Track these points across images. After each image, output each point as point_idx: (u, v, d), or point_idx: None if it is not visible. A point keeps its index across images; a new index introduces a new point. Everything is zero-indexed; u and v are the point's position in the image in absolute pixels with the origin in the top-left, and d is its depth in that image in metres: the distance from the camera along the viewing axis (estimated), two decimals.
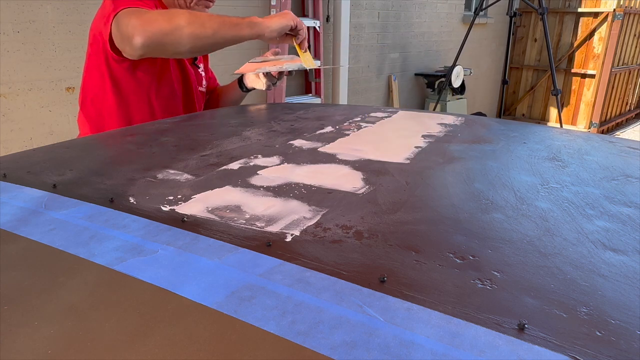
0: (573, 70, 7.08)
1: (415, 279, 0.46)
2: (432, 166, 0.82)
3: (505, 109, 7.70)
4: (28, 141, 2.58)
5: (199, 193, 0.68)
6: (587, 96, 7.04)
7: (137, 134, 1.06)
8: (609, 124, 7.29)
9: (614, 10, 6.51)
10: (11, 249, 0.54)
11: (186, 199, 0.66)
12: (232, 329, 0.39)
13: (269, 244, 0.53)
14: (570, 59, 7.10)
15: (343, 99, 4.49)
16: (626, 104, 7.86)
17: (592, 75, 6.91)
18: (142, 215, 0.61)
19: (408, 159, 0.86)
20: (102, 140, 1.09)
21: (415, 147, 0.94)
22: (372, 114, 1.28)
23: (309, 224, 0.58)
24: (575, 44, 6.99)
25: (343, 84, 4.46)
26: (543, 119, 7.54)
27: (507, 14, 6.00)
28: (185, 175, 0.76)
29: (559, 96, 4.59)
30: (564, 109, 7.20)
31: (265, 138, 1.02)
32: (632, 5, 6.95)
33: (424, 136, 1.04)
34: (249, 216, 0.60)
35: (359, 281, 0.45)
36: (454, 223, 0.59)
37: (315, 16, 4.01)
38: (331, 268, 0.48)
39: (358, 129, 1.10)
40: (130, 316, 0.41)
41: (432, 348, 0.37)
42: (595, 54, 6.85)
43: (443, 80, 5.30)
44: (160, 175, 0.76)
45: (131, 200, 0.66)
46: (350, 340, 0.37)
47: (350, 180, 0.74)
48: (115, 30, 1.12)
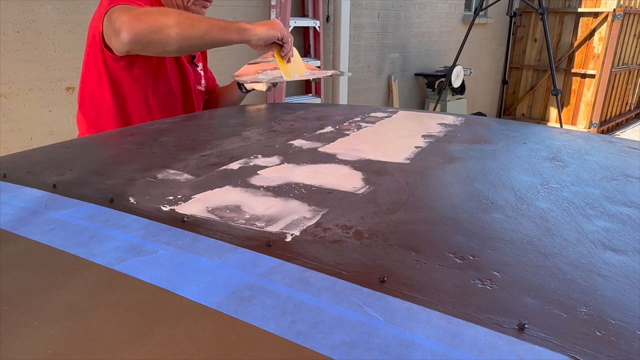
0: (573, 70, 7.08)
1: (415, 279, 0.46)
2: (432, 166, 0.82)
3: (505, 109, 7.70)
4: (28, 141, 2.59)
5: (199, 193, 0.68)
6: (587, 96, 7.04)
7: (137, 134, 1.06)
8: (609, 124, 7.29)
9: (614, 10, 6.51)
10: (11, 249, 0.54)
11: (186, 199, 0.66)
12: (232, 329, 0.39)
13: (269, 244, 0.53)
14: (570, 59, 7.10)
15: (343, 99, 4.49)
16: (626, 104, 7.86)
17: (592, 75, 6.91)
18: (142, 215, 0.61)
19: (408, 159, 0.86)
20: (102, 140, 1.09)
21: (415, 147, 0.94)
22: (372, 114, 1.28)
23: (309, 224, 0.58)
24: (575, 44, 6.99)
25: (343, 84, 4.46)
26: (543, 119, 7.54)
27: (507, 14, 6.00)
28: (185, 175, 0.76)
29: (559, 96, 4.59)
30: (564, 109, 7.20)
31: (265, 138, 1.02)
32: (632, 5, 6.95)
33: (424, 136, 1.04)
34: (249, 216, 0.60)
35: (359, 281, 0.45)
36: (454, 223, 0.59)
37: (315, 16, 4.01)
38: (331, 268, 0.48)
39: (358, 129, 1.10)
40: (130, 316, 0.41)
41: (432, 348, 0.37)
42: (595, 54, 6.85)
43: (443, 80, 5.30)
44: (160, 175, 0.76)
45: (131, 200, 0.66)
46: (350, 340, 0.37)
47: (350, 180, 0.74)
48: (107, 25, 1.13)
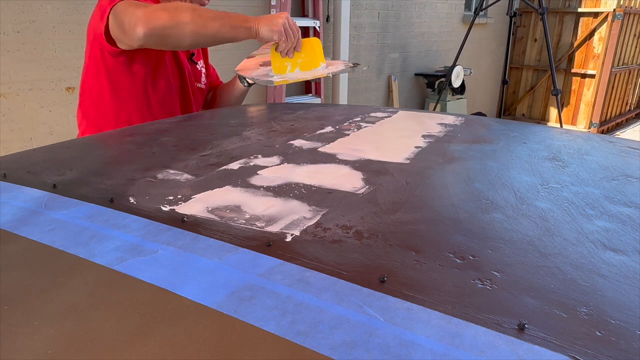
0: (573, 70, 7.08)
1: (415, 279, 0.46)
2: (432, 166, 0.82)
3: (505, 109, 7.69)
4: (28, 141, 2.59)
5: (199, 193, 0.68)
6: (587, 96, 7.04)
7: (137, 134, 1.06)
8: (609, 124, 7.29)
9: (614, 10, 6.51)
10: (11, 249, 0.54)
11: (186, 199, 0.66)
12: (232, 329, 0.39)
13: (269, 244, 0.53)
14: (570, 59, 7.10)
15: (343, 99, 4.49)
16: (626, 104, 7.86)
17: (592, 75, 6.91)
18: (142, 215, 0.61)
19: (408, 159, 0.86)
20: (102, 140, 1.09)
21: (415, 147, 0.94)
22: (372, 114, 1.28)
23: (309, 224, 0.58)
24: (575, 44, 6.99)
25: (343, 84, 4.46)
26: (543, 119, 7.54)
27: (507, 14, 6.00)
28: (185, 175, 0.76)
29: (559, 96, 4.59)
30: (564, 109, 7.20)
31: (265, 138, 1.02)
32: (632, 5, 6.94)
33: (424, 136, 1.04)
34: (249, 216, 0.60)
35: (359, 281, 0.45)
36: (454, 223, 0.59)
37: (315, 16, 4.01)
38: (331, 268, 0.48)
39: (358, 129, 1.10)
40: (130, 316, 0.41)
41: (432, 348, 0.37)
42: (595, 54, 6.85)
43: (443, 80, 5.29)
44: (160, 175, 0.76)
45: (131, 200, 0.66)
46: (350, 340, 0.37)
47: (350, 180, 0.74)
48: (113, 21, 1.14)
